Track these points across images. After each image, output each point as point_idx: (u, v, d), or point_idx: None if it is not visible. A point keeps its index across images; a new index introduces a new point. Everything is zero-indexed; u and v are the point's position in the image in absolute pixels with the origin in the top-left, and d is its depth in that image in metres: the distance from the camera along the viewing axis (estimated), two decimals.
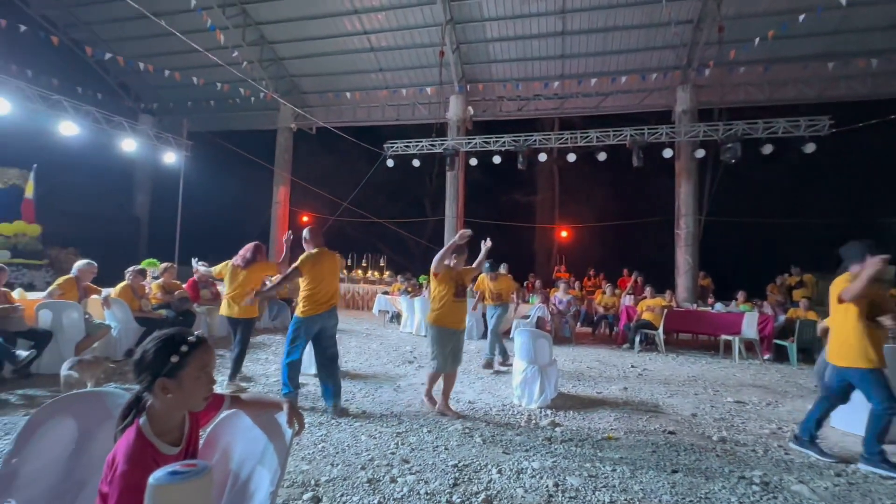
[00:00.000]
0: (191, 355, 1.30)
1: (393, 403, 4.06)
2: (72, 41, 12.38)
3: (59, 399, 1.58)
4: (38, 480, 1.39)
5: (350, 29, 11.66)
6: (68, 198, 12.21)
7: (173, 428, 1.31)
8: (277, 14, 11.53)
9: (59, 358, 4.44)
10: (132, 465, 1.15)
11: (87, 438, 1.50)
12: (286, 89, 13.39)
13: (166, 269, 6.12)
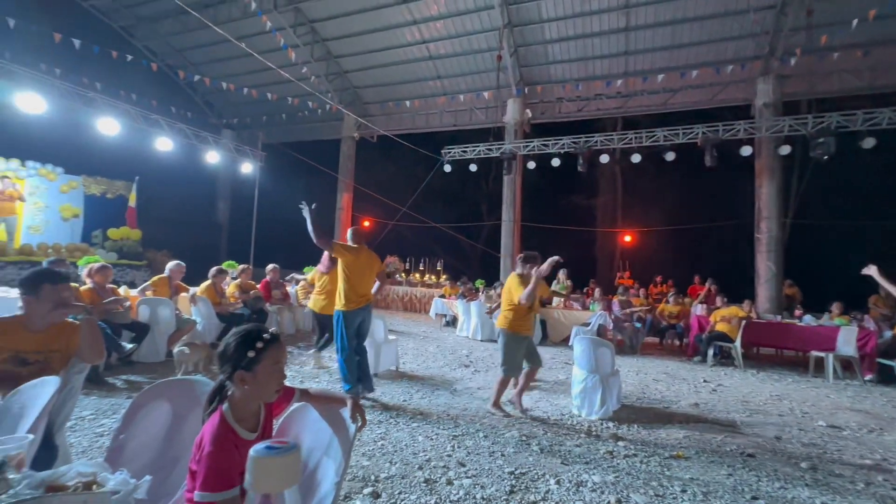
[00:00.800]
0: (266, 351, 1.40)
1: (449, 406, 4.09)
2: (167, 67, 13.89)
3: (157, 385, 1.78)
4: (141, 455, 1.58)
5: (410, 39, 12.01)
6: (163, 206, 13.66)
7: (251, 415, 1.42)
8: (343, 30, 12.16)
9: (154, 348, 4.99)
10: (216, 447, 1.27)
11: (179, 420, 1.68)
12: (349, 100, 14.05)
13: (243, 271, 6.66)
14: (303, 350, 6.07)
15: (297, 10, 11.64)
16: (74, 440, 2.87)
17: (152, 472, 1.54)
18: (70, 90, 8.95)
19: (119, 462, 1.46)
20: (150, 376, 4.40)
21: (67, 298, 2.13)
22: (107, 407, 3.55)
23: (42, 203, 11.00)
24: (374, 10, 11.24)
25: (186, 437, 1.59)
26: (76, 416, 3.22)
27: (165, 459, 1.59)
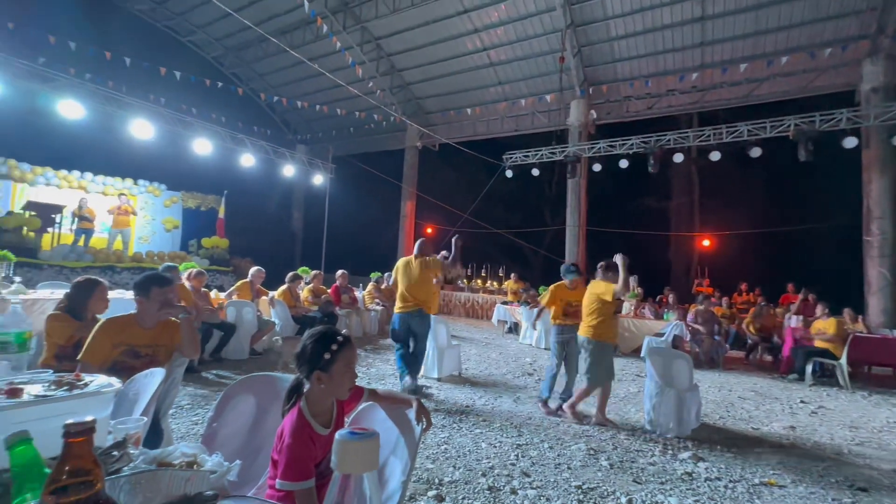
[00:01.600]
0: (340, 353, 1.49)
1: (513, 415, 4.04)
2: (251, 90, 15.27)
3: (243, 379, 1.96)
4: (230, 442, 1.74)
5: (471, 48, 12.15)
6: (246, 217, 14.95)
7: (325, 411, 1.51)
8: (406, 44, 12.60)
9: (240, 347, 5.45)
10: (295, 439, 1.37)
11: (263, 412, 1.83)
12: (412, 111, 14.48)
13: (315, 276, 7.09)
14: (369, 353, 6.31)
15: (364, 29, 12.26)
16: (175, 426, 3.22)
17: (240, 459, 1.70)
18: (172, 116, 10.15)
19: (213, 447, 1.62)
20: (236, 371, 4.82)
21: (171, 300, 2.41)
22: (200, 397, 3.95)
23: (149, 216, 12.54)
24: (435, 22, 11.53)
25: (269, 428, 1.72)
26: (176, 404, 3.61)
27: (250, 448, 1.74)
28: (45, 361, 2.47)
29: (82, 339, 2.36)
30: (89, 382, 1.21)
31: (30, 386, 1.13)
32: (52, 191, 10.71)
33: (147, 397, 1.72)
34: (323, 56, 12.75)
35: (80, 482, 0.55)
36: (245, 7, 11.73)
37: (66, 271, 8.45)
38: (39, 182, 10.60)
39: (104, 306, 2.73)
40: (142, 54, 10.18)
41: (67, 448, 0.56)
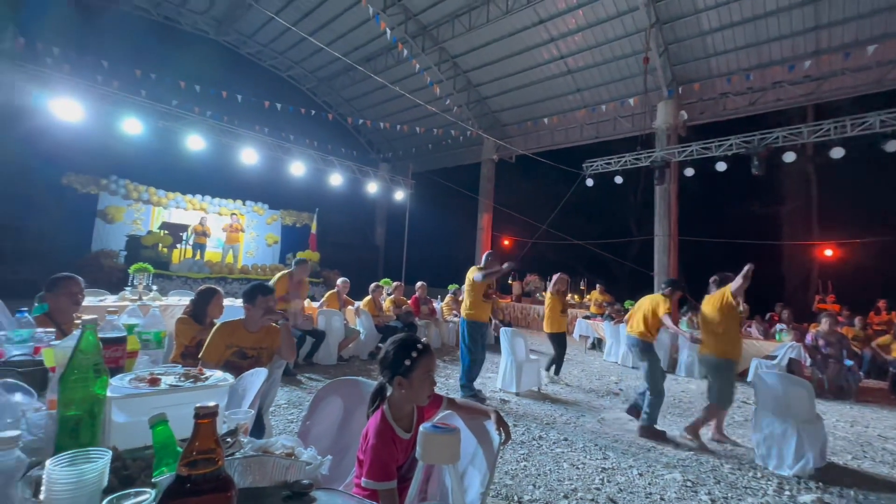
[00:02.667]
0: (420, 360, 1.55)
1: (597, 435, 3.82)
2: (339, 115, 16.57)
3: (332, 382, 2.10)
4: (321, 440, 1.87)
5: (547, 57, 12.01)
6: (334, 231, 16.11)
7: (406, 416, 1.57)
8: (481, 59, 12.83)
9: (329, 352, 5.83)
10: (379, 440, 1.44)
11: (349, 414, 1.95)
12: (489, 125, 14.63)
13: (396, 287, 7.40)
14: (447, 363, 6.39)
15: (442, 49, 12.72)
16: (273, 422, 3.53)
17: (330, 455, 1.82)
18: (273, 143, 11.36)
19: (306, 442, 1.76)
20: (325, 375, 5.18)
21: (273, 307, 2.68)
22: (294, 398, 4.30)
23: (254, 233, 14.06)
24: (510, 35, 11.60)
25: (355, 429, 1.83)
26: (274, 403, 3.97)
27: (339, 446, 1.85)
28: (173, 358, 2.88)
29: (202, 340, 2.72)
30: (209, 377, 1.40)
31: (165, 377, 1.33)
32: (180, 212, 12.51)
33: (253, 393, 1.92)
34: (403, 78, 13.44)
35: (206, 458, 0.65)
36: (334, 41, 12.83)
37: (190, 281, 9.77)
38: (171, 205, 12.46)
39: (220, 311, 3.11)
40: (250, 90, 11.58)
41: (197, 428, 0.66)
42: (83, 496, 0.78)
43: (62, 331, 2.24)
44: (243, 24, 13.34)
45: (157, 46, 12.01)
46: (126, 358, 1.60)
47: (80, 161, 10.55)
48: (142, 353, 1.87)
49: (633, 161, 10.53)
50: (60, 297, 2.53)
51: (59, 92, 7.87)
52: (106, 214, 11.27)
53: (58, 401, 1.05)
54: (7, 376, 1.32)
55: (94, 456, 0.83)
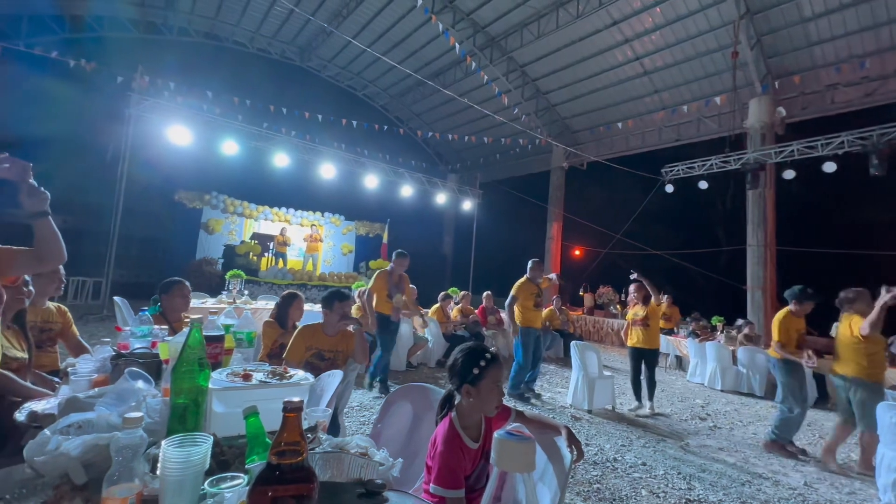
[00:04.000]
0: (487, 369, 1.54)
1: (681, 462, 3.51)
2: (409, 129, 17.20)
3: (402, 387, 2.16)
4: (392, 443, 1.93)
5: (621, 59, 11.52)
6: (404, 241, 16.54)
7: (474, 426, 1.57)
8: (551, 66, 12.63)
9: (398, 359, 6.00)
10: (447, 447, 1.45)
11: (418, 420, 1.98)
12: (558, 132, 14.31)
13: (463, 297, 7.44)
14: None
15: (510, 59, 12.73)
16: (346, 423, 3.70)
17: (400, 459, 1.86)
18: (349, 158, 12.08)
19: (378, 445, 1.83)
20: (395, 381, 5.32)
21: (348, 313, 2.83)
22: (366, 401, 4.47)
23: (332, 243, 14.97)
24: (581, 40, 11.30)
25: (423, 435, 1.86)
26: (348, 405, 4.16)
27: (408, 451, 1.89)
28: (261, 357, 3.14)
29: (284, 343, 2.94)
30: (293, 375, 1.51)
31: (255, 373, 1.46)
32: (268, 224, 13.71)
33: (330, 394, 2.04)
34: (471, 90, 13.64)
35: (292, 450, 0.70)
36: (406, 59, 13.39)
37: (275, 287, 10.62)
38: (261, 217, 13.69)
39: (300, 315, 3.35)
40: (330, 110, 12.45)
41: (285, 421, 0.72)
42: (190, 475, 0.88)
43: (173, 328, 2.56)
44: (324, 49, 14.41)
45: (251, 75, 13.39)
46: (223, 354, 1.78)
47: (188, 179, 12.01)
48: (236, 350, 2.07)
49: (721, 164, 9.68)
50: (172, 298, 2.89)
51: (173, 120, 9.07)
52: (208, 226, 12.67)
53: (170, 389, 1.20)
54: (131, 366, 1.53)
55: (199, 440, 0.93)
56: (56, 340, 2.63)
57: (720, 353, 6.71)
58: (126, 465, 0.88)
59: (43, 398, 1.73)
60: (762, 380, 6.44)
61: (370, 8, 11.90)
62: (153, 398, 1.31)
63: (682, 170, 10.27)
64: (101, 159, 10.06)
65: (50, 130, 9.96)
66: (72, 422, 1.11)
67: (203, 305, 5.44)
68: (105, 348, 2.04)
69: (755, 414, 5.33)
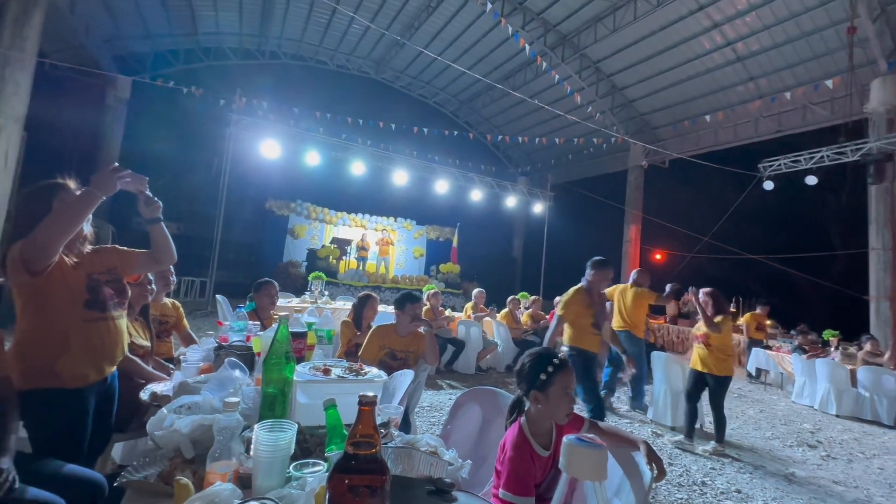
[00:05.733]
0: (556, 376, 1.49)
1: (784, 493, 3.12)
2: (479, 133, 17.27)
3: (471, 390, 2.17)
4: (460, 445, 1.95)
5: (709, 47, 10.58)
6: (474, 245, 16.70)
7: (544, 433, 1.53)
8: (628, 60, 11.96)
9: (467, 362, 6.03)
10: (516, 453, 1.43)
11: (487, 423, 1.98)
12: (636, 129, 13.50)
13: (534, 301, 7.29)
14: None
15: (583, 56, 12.29)
16: (417, 422, 3.79)
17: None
18: (420, 164, 12.42)
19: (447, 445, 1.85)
20: (464, 384, 5.36)
21: (419, 314, 2.91)
22: (436, 402, 4.54)
23: (404, 247, 15.49)
24: (661, 30, 10.57)
25: (492, 439, 1.85)
26: (419, 405, 4.26)
27: (477, 454, 1.90)
28: (338, 354, 3.34)
29: (359, 343, 3.10)
30: (368, 372, 1.59)
31: (334, 369, 1.56)
32: (346, 229, 14.54)
33: (402, 392, 2.11)
34: (542, 91, 13.37)
35: (366, 442, 0.74)
36: (475, 64, 13.50)
37: (353, 289, 11.22)
38: (339, 223, 14.57)
39: (374, 314, 3.51)
40: (403, 119, 12.92)
41: (360, 413, 0.76)
42: (278, 458, 0.96)
43: (263, 324, 2.81)
44: (397, 61, 15.01)
45: (331, 90, 14.34)
46: (306, 350, 1.93)
47: (277, 189, 13.17)
48: (317, 347, 2.22)
49: (834, 156, 8.48)
50: (263, 297, 3.18)
51: (265, 136, 10.00)
52: (293, 231, 13.75)
53: (261, 379, 1.32)
54: (230, 357, 1.71)
55: (286, 427, 1.02)
56: (171, 332, 3.02)
57: (835, 373, 5.86)
58: (225, 445, 0.99)
59: (161, 381, 2.00)
60: (891, 406, 5.50)
61: (441, 17, 12.18)
62: (247, 386, 1.45)
63: (785, 164, 9.16)
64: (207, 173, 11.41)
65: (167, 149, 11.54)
66: (183, 403, 1.27)
67: (289, 304, 5.92)
68: (209, 340, 2.31)
69: (881, 446, 4.57)
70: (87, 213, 1.55)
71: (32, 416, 1.50)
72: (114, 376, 1.79)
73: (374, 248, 13.78)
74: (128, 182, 1.60)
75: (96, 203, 1.53)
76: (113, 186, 1.55)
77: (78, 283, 1.60)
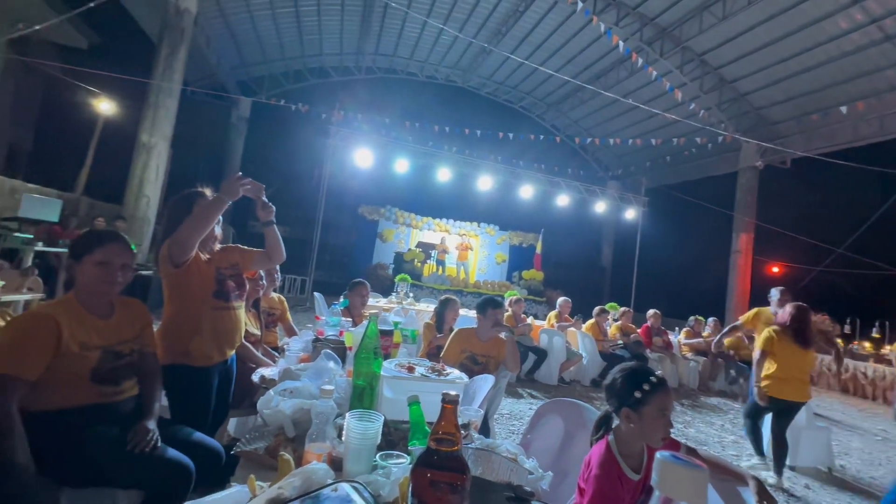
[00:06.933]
0: (652, 395, 1.38)
1: None
2: (566, 137, 16.72)
3: (554, 400, 2.10)
4: (541, 457, 1.89)
5: (845, 27, 9.09)
6: (559, 252, 16.18)
7: (635, 455, 1.43)
8: (740, 50, 10.74)
9: (549, 372, 5.85)
10: (602, 472, 1.35)
11: (570, 437, 1.90)
12: (750, 125, 12.05)
13: (624, 313, 6.83)
14: (686, 408, 5.46)
15: (685, 49, 11.31)
16: (497, 429, 3.76)
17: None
18: (505, 169, 12.38)
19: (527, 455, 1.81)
20: (546, 395, 5.20)
21: (500, 320, 2.89)
22: (516, 410, 4.47)
23: (486, 252, 15.52)
24: (783, 13, 9.31)
25: (575, 454, 1.77)
26: (498, 411, 4.23)
27: (558, 468, 1.82)
28: (420, 355, 3.45)
29: (440, 345, 3.17)
30: (450, 373, 1.62)
31: (418, 367, 1.62)
32: (430, 233, 14.98)
33: (482, 396, 2.11)
34: (636, 90, 12.57)
35: (448, 439, 0.76)
36: (564, 65, 13.12)
37: (435, 292, 11.51)
38: (424, 228, 15.06)
39: (455, 317, 3.56)
40: (487, 124, 13.00)
41: (443, 411, 0.78)
42: (366, 446, 1.02)
43: (354, 321, 3.01)
44: (483, 68, 15.16)
45: (420, 100, 14.97)
46: (392, 347, 2.02)
47: (368, 195, 14.06)
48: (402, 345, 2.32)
49: None
50: (356, 296, 3.41)
51: (359, 145, 10.73)
52: (382, 235, 14.53)
53: (353, 371, 1.42)
54: (326, 349, 1.86)
55: (374, 418, 1.08)
56: (277, 323, 3.36)
57: None
58: (321, 428, 1.08)
59: (268, 367, 2.24)
60: None
61: (529, 21, 12.06)
62: (340, 377, 1.56)
63: None
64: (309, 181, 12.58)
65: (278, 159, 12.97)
66: (286, 387, 1.41)
67: (377, 304, 6.25)
68: (308, 333, 2.53)
69: None
70: (217, 215, 1.81)
71: (170, 388, 1.77)
72: (233, 359, 2.05)
73: (454, 252, 14.02)
74: (248, 189, 1.83)
75: (224, 206, 1.78)
76: (237, 192, 1.79)
77: (209, 275, 1.87)
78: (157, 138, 7.95)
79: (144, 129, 7.89)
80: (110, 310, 1.56)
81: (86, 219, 7.99)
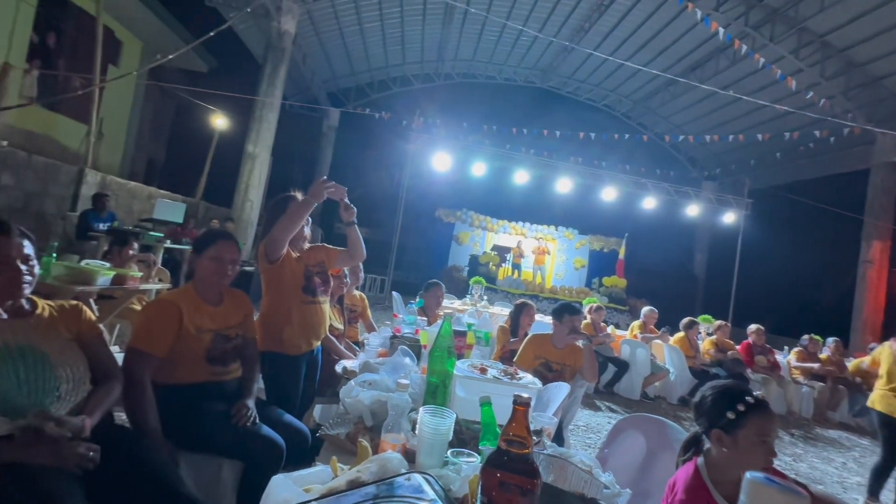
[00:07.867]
0: (749, 417, 1.24)
1: None
2: (655, 135, 15.57)
3: (634, 416, 1.98)
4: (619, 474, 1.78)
5: None
6: (644, 258, 15.10)
7: (729, 483, 1.29)
8: (871, 28, 9.18)
9: (631, 386, 5.50)
10: (688, 498, 1.24)
11: (652, 456, 1.77)
12: (885, 115, 10.27)
13: (720, 327, 6.18)
14: (797, 439, 4.80)
15: (802, 31, 9.96)
16: (571, 441, 3.62)
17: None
18: (586, 171, 11.88)
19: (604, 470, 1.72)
20: (626, 409, 4.89)
21: (578, 327, 2.79)
22: (593, 423, 4.26)
23: (563, 256, 15.01)
24: None
25: (657, 476, 1.65)
26: (573, 423, 4.06)
27: (639, 488, 1.71)
28: (494, 358, 3.43)
29: (514, 349, 3.13)
30: (523, 377, 1.60)
31: (490, 369, 1.62)
32: (506, 237, 14.87)
33: (556, 405, 2.05)
34: (739, 80, 11.36)
35: (519, 441, 0.75)
36: (654, 59, 12.26)
37: (510, 296, 11.38)
38: (500, 231, 14.98)
39: (530, 322, 3.49)
40: (568, 125, 12.57)
41: (514, 413, 0.78)
42: (438, 441, 1.05)
43: (429, 320, 3.09)
44: (564, 67, 14.70)
45: (498, 103, 14.97)
46: (466, 348, 2.05)
47: (445, 198, 14.36)
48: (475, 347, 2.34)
49: None
50: (431, 297, 3.50)
51: (438, 149, 10.99)
52: (458, 238, 14.73)
53: (427, 368, 1.47)
54: (402, 345, 1.94)
55: (446, 414, 1.11)
56: (358, 319, 3.57)
57: None
58: (397, 420, 1.13)
59: (350, 359, 2.39)
60: None
61: (614, 14, 11.46)
62: (415, 373, 1.62)
63: None
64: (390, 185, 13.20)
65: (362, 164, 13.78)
66: (366, 379, 1.49)
67: (451, 305, 6.35)
68: (386, 330, 2.66)
69: None
70: (305, 215, 1.99)
71: (265, 373, 1.97)
72: (318, 350, 2.23)
73: (530, 256, 13.72)
74: (332, 191, 1.99)
75: (311, 208, 1.96)
76: (322, 194, 1.96)
77: (298, 272, 2.06)
78: (261, 148, 8.88)
79: (250, 140, 8.85)
80: (220, 298, 1.78)
81: (203, 220, 9.19)
